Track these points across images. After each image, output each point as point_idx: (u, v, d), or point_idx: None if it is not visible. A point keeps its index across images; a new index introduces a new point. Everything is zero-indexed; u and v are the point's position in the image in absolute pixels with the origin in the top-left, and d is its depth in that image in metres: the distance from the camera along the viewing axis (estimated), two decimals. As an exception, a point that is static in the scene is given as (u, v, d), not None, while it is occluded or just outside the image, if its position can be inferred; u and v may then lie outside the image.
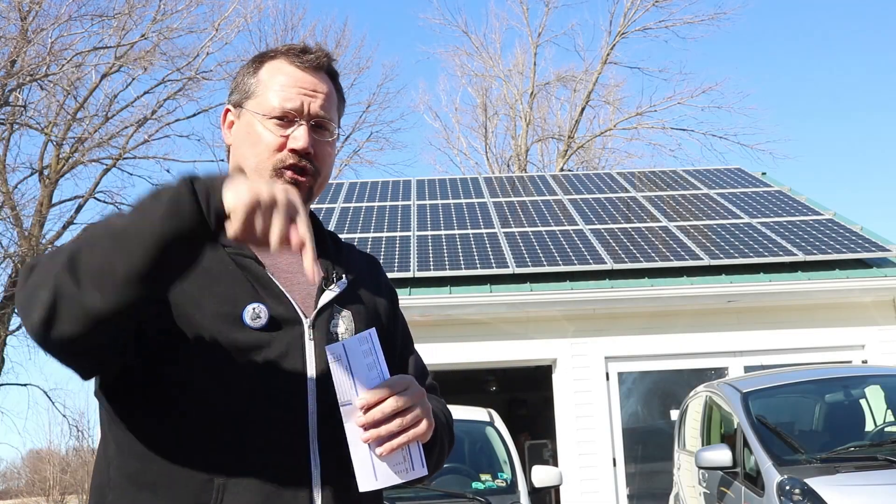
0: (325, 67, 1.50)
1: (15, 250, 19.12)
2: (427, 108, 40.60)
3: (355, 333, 1.44)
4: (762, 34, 41.53)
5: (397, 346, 1.58)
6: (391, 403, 1.27)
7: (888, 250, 8.96)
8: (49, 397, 23.58)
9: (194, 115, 23.98)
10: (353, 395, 1.28)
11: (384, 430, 1.27)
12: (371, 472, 1.28)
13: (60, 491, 27.43)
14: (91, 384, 1.44)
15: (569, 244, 9.48)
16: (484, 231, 10.02)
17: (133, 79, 21.33)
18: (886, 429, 5.72)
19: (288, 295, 1.40)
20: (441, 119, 35.93)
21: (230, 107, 1.53)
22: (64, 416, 24.86)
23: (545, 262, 8.93)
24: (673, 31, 29.52)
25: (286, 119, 1.45)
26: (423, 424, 1.31)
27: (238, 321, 1.34)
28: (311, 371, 1.37)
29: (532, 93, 25.22)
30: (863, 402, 6.08)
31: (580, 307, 8.69)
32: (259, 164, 1.45)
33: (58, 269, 1.14)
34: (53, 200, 20.93)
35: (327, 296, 1.44)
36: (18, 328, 20.01)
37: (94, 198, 21.70)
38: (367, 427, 1.27)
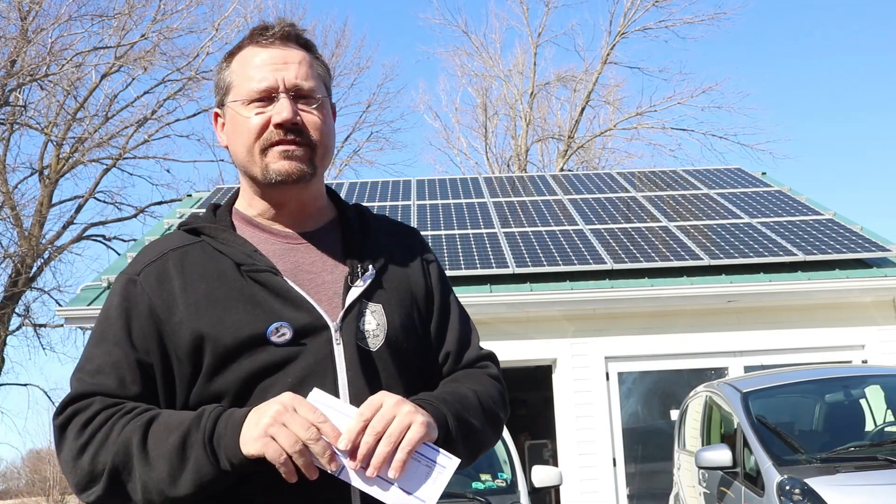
0: (292, 38, 1.46)
1: (15, 250, 19.12)
2: (427, 108, 40.61)
3: (388, 327, 1.41)
4: (762, 34, 41.54)
5: (432, 325, 1.51)
6: (370, 432, 1.22)
7: (888, 250, 8.96)
8: (49, 397, 23.53)
9: (194, 115, 24.00)
10: (340, 460, 1.24)
11: (379, 456, 1.22)
12: (408, 497, 1.24)
13: (60, 491, 27.44)
14: None
15: (569, 244, 9.48)
16: (484, 231, 10.02)
17: (133, 79, 21.34)
18: (886, 429, 5.71)
19: (311, 300, 1.38)
20: (441, 119, 35.97)
21: (216, 109, 1.51)
22: (64, 416, 24.78)
23: (545, 262, 8.93)
24: (673, 31, 29.57)
25: (266, 99, 1.41)
26: (415, 428, 1.24)
27: (264, 342, 1.33)
28: (343, 376, 1.35)
29: (532, 93, 25.22)
30: (863, 402, 6.08)
31: (580, 307, 8.69)
32: (248, 150, 1.42)
33: (101, 485, 1.27)
34: (53, 200, 20.94)
35: (353, 293, 1.41)
36: (18, 328, 20.00)
37: (94, 198, 21.71)
38: (363, 466, 1.23)
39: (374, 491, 1.23)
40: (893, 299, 8.82)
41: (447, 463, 1.26)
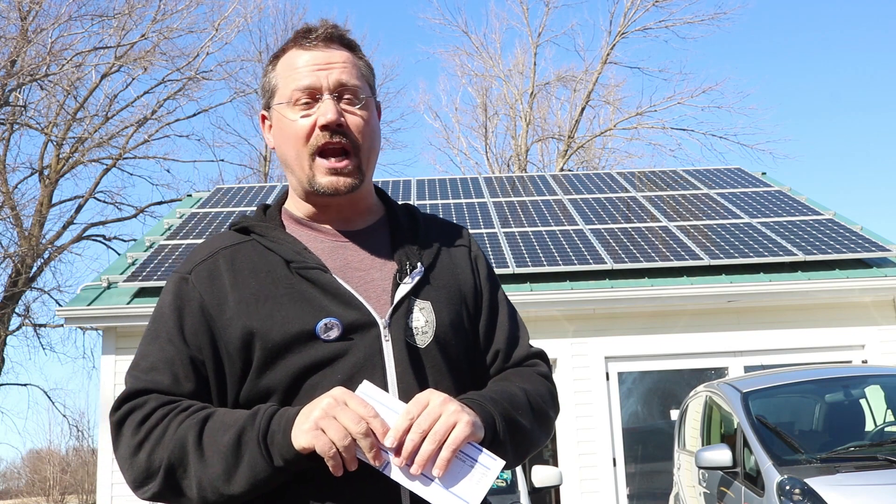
0: (335, 39, 1.48)
1: (15, 250, 19.12)
2: (427, 108, 40.58)
3: (436, 324, 1.42)
4: (762, 34, 41.55)
5: (480, 323, 1.51)
6: (416, 430, 1.23)
7: (888, 250, 8.96)
8: (49, 397, 23.61)
9: (194, 115, 23.99)
10: (385, 456, 1.25)
11: (424, 454, 1.23)
12: (452, 496, 1.24)
13: (60, 491, 27.41)
14: (91, 385, 1.47)
15: (569, 244, 9.48)
16: (484, 231, 10.02)
17: (133, 79, 21.35)
18: (886, 429, 5.71)
19: (360, 297, 1.39)
20: (441, 119, 35.95)
21: (263, 112, 1.53)
22: (64, 416, 24.87)
23: (545, 262, 8.93)
24: (673, 31, 29.58)
25: (311, 101, 1.42)
26: (460, 427, 1.24)
27: (312, 337, 1.34)
28: (391, 372, 1.36)
29: (532, 93, 25.22)
30: (863, 402, 6.08)
31: (580, 307, 8.69)
32: (297, 156, 1.44)
33: (157, 482, 1.29)
34: (53, 200, 20.94)
35: (402, 290, 1.41)
36: (19, 328, 20.00)
37: (94, 198, 21.71)
38: (408, 463, 1.23)
39: (416, 487, 1.24)
40: (893, 299, 8.82)
41: (492, 464, 1.26)
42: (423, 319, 1.41)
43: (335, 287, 1.38)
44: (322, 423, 1.21)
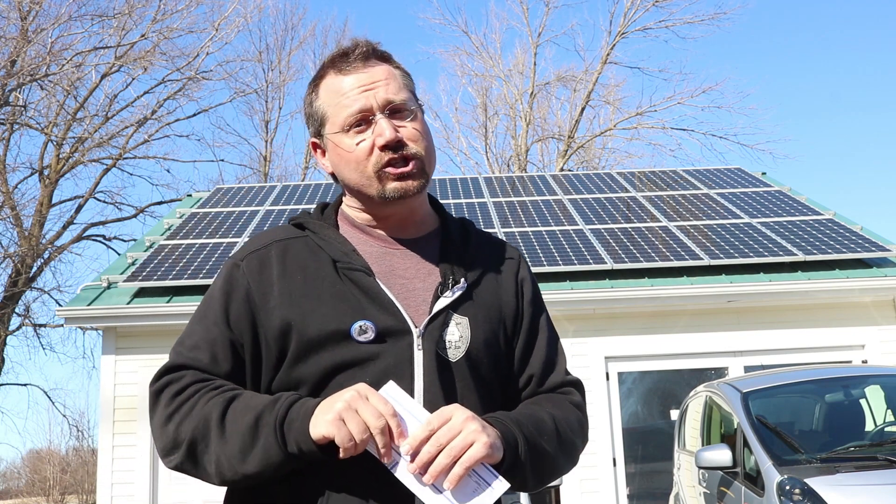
0: (371, 56, 1.49)
1: (15, 250, 19.12)
2: (427, 107, 40.53)
3: (471, 340, 1.44)
4: (762, 34, 41.55)
5: (517, 346, 1.53)
6: (434, 442, 1.26)
7: (888, 250, 8.97)
8: (49, 397, 23.59)
9: (194, 115, 23.98)
10: (395, 455, 1.28)
11: (437, 466, 1.25)
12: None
13: (60, 491, 27.41)
14: (91, 385, 1.49)
15: (569, 244, 9.48)
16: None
17: (133, 79, 21.35)
18: (886, 429, 5.71)
19: (398, 304, 1.41)
20: (441, 119, 35.88)
21: (314, 139, 1.55)
22: (64, 416, 24.88)
23: (545, 262, 8.93)
24: (673, 31, 29.59)
25: (363, 123, 1.45)
26: (477, 447, 1.26)
27: (347, 337, 1.38)
28: (419, 382, 1.38)
29: (532, 93, 25.22)
30: (863, 402, 6.08)
31: (580, 307, 8.69)
32: (361, 177, 1.46)
33: (181, 453, 1.35)
34: (53, 200, 20.94)
35: (441, 302, 1.44)
36: (19, 328, 20.01)
37: (94, 198, 21.72)
38: (421, 471, 1.26)
39: (421, 492, 1.27)
40: (893, 299, 8.82)
41: (497, 485, 1.29)
42: (458, 334, 1.43)
43: (376, 291, 1.41)
44: (345, 415, 1.24)
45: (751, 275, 8.80)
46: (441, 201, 11.36)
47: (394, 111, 1.46)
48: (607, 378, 8.82)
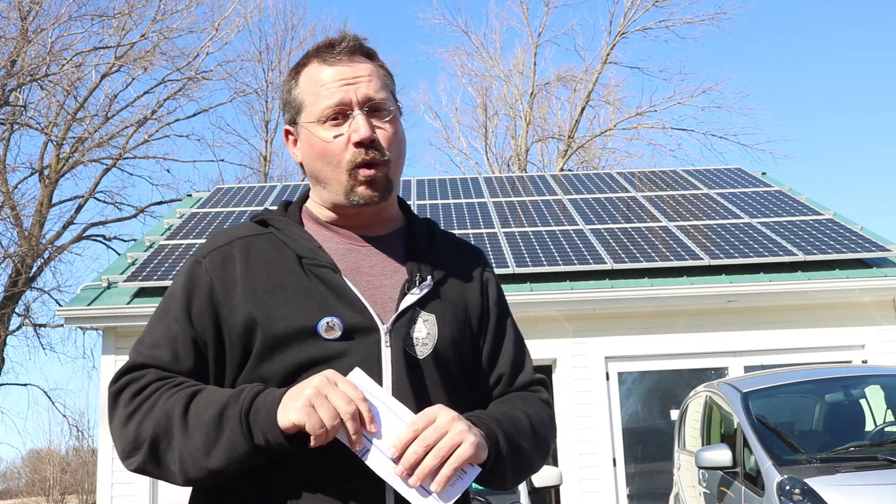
0: (357, 51, 1.48)
1: (15, 250, 19.12)
2: (427, 107, 40.59)
3: (438, 337, 1.43)
4: (762, 34, 41.55)
5: (485, 346, 1.53)
6: (420, 443, 1.24)
7: (888, 250, 8.96)
8: (49, 397, 23.62)
9: (194, 115, 23.98)
10: (366, 442, 1.26)
11: (425, 468, 1.24)
12: (426, 494, 1.25)
13: (60, 491, 27.41)
14: (91, 385, 1.47)
15: (569, 244, 9.48)
16: (484, 231, 10.02)
17: (133, 79, 21.35)
18: (886, 429, 5.71)
19: (365, 301, 1.40)
20: (441, 119, 35.98)
21: (288, 126, 1.53)
22: (64, 416, 24.91)
23: (545, 262, 8.93)
24: (673, 31, 29.59)
25: (340, 116, 1.43)
26: (465, 447, 1.26)
27: (313, 335, 1.36)
28: (388, 379, 1.37)
29: (532, 93, 25.22)
30: (863, 402, 6.08)
31: (580, 307, 8.69)
32: (331, 171, 1.45)
33: (142, 453, 1.30)
34: (53, 200, 20.94)
35: (408, 300, 1.43)
36: (19, 328, 20.01)
37: (94, 198, 21.72)
38: (408, 473, 1.24)
39: (393, 480, 1.25)
40: (893, 299, 8.82)
41: (471, 472, 1.28)
42: (425, 331, 1.42)
43: (342, 288, 1.40)
44: (314, 401, 1.22)
45: (751, 275, 8.80)
46: (441, 201, 11.41)
47: (373, 109, 1.44)
48: (607, 378, 8.82)
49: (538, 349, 8.85)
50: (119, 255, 13.60)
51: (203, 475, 1.27)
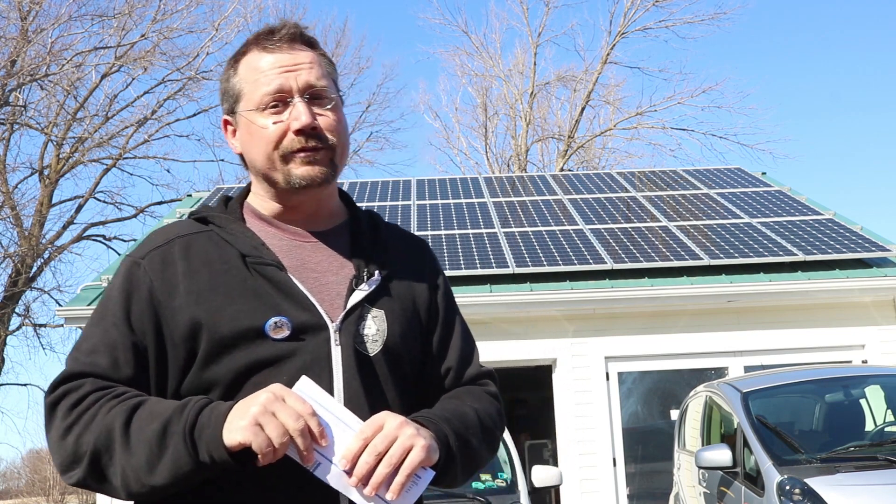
0: (297, 38, 1.44)
1: (15, 250, 19.12)
2: (427, 107, 40.49)
3: (387, 334, 1.40)
4: (762, 34, 41.55)
5: (434, 339, 1.50)
6: (371, 452, 1.22)
7: (888, 250, 8.96)
8: (49, 397, 23.55)
9: (194, 115, 24.02)
10: (317, 456, 1.23)
11: (379, 476, 1.21)
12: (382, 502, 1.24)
13: (60, 491, 27.43)
14: None
15: (569, 244, 9.48)
16: (484, 231, 10.02)
17: (133, 79, 21.35)
18: (886, 429, 5.71)
19: (312, 299, 1.36)
20: (441, 119, 35.89)
21: (226, 116, 1.49)
22: (64, 416, 24.81)
23: (545, 262, 8.93)
24: (673, 31, 29.56)
25: (280, 104, 1.39)
26: (416, 452, 1.23)
27: (261, 335, 1.32)
28: (338, 378, 1.34)
29: (532, 93, 25.22)
30: (863, 402, 6.08)
31: (580, 307, 8.69)
32: (268, 158, 1.40)
33: (83, 467, 1.25)
34: (53, 200, 20.94)
35: (356, 296, 1.39)
36: (19, 328, 20.01)
37: (94, 198, 21.71)
38: (361, 484, 1.22)
39: (349, 491, 1.23)
40: (893, 299, 8.82)
41: (426, 477, 1.26)
42: (374, 328, 1.39)
43: (289, 286, 1.36)
44: (261, 419, 1.17)
45: (751, 275, 8.80)
46: (441, 201, 11.41)
47: (314, 97, 1.40)
48: (607, 378, 8.82)
49: (538, 349, 8.85)
50: (119, 255, 13.60)
51: (146, 491, 1.23)
